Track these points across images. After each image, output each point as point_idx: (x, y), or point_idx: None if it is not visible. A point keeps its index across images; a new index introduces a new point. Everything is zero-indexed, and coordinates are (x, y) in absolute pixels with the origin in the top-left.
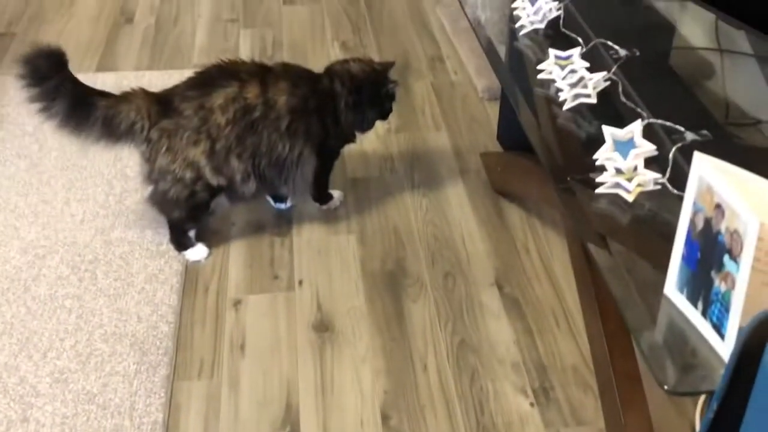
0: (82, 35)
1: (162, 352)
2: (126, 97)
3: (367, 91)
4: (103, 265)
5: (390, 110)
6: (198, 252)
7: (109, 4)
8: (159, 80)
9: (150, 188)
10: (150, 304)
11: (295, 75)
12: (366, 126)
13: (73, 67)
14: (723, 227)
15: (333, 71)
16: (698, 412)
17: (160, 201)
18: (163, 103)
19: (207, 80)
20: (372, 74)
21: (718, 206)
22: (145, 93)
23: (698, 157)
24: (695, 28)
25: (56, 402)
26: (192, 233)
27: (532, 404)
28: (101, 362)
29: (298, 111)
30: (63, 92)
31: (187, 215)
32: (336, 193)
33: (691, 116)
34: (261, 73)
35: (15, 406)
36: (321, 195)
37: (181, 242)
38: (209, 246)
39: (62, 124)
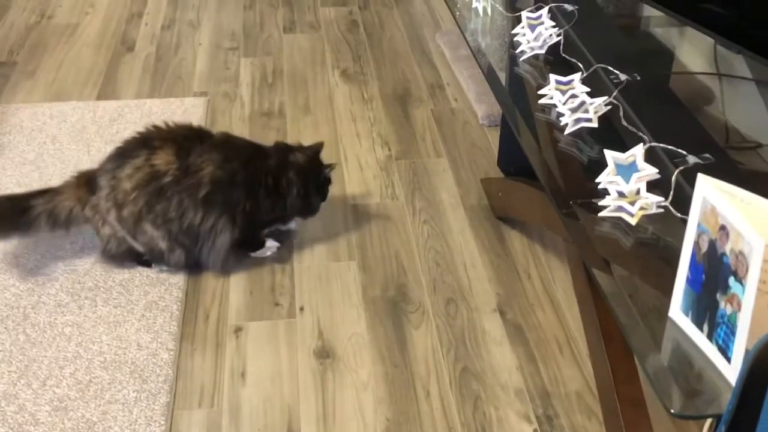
0: (83, 64)
1: (162, 380)
2: (59, 189)
3: (313, 180)
4: (102, 292)
5: (326, 193)
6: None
7: (110, 32)
8: (159, 108)
9: (107, 257)
10: (150, 331)
11: (233, 148)
12: (312, 212)
13: (73, 96)
14: (728, 249)
15: (287, 160)
16: None
17: (104, 255)
18: (90, 182)
19: (124, 152)
20: (313, 162)
21: (723, 228)
22: (75, 179)
23: (702, 178)
24: (694, 53)
25: (55, 430)
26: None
27: (535, 431)
28: (101, 390)
29: (222, 183)
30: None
31: (138, 259)
32: (269, 242)
33: (693, 140)
34: (183, 139)
35: None
36: (249, 248)
37: (146, 264)
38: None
39: (7, 237)
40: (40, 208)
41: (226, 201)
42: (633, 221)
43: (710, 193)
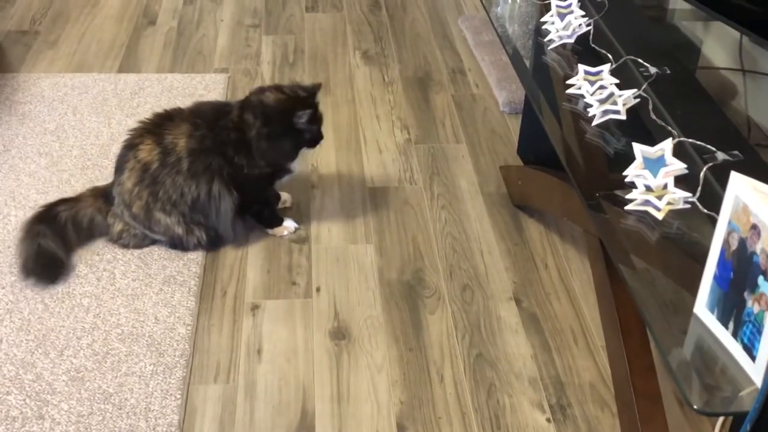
0: (105, 35)
1: (179, 354)
2: (79, 198)
3: (276, 120)
4: (121, 264)
5: (314, 138)
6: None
7: (133, 5)
8: (180, 83)
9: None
10: (168, 305)
11: (199, 115)
12: (285, 157)
13: (95, 67)
14: (758, 248)
15: (247, 102)
16: None
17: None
18: (106, 195)
19: (118, 165)
20: (285, 102)
21: (754, 227)
22: (92, 192)
23: (735, 176)
24: (719, 48)
25: (72, 400)
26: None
27: (548, 420)
28: (118, 362)
29: (196, 151)
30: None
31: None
32: (288, 222)
33: (722, 136)
34: (154, 126)
35: (31, 402)
36: (263, 221)
37: None
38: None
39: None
40: (65, 214)
41: (207, 167)
42: (660, 216)
43: (743, 191)
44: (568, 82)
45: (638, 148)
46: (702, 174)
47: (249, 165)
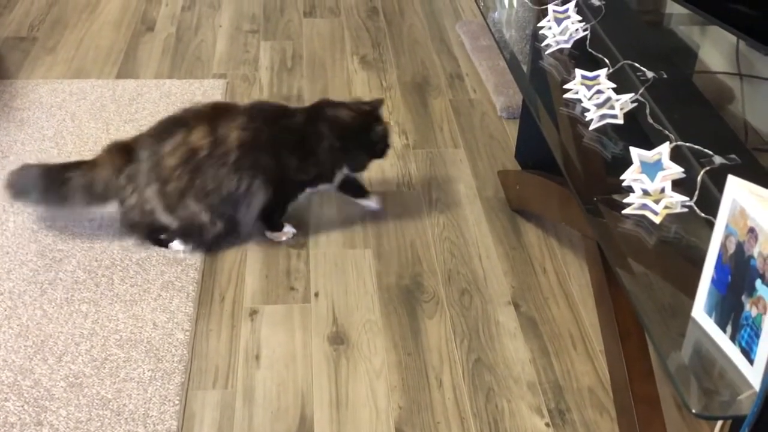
0: (103, 42)
1: (177, 360)
2: (96, 161)
3: (358, 135)
4: (119, 270)
5: (383, 150)
6: (179, 243)
7: (131, 11)
8: (179, 89)
9: (121, 217)
10: (166, 311)
11: (258, 110)
12: (358, 167)
13: (93, 73)
14: (756, 252)
15: (320, 114)
16: None
17: (126, 225)
18: (128, 152)
19: (163, 129)
20: (363, 117)
21: (752, 230)
22: (111, 149)
23: (732, 180)
24: (716, 52)
25: (70, 406)
26: (164, 235)
27: (547, 424)
28: (116, 368)
29: (248, 145)
30: (34, 185)
31: (150, 231)
32: (287, 227)
33: (719, 140)
34: (213, 115)
35: (29, 409)
36: (269, 222)
37: (160, 244)
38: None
39: (45, 209)
40: (77, 180)
41: (255, 163)
42: (657, 220)
43: (740, 194)
44: (565, 86)
45: (635, 153)
46: (699, 178)
47: (298, 169)
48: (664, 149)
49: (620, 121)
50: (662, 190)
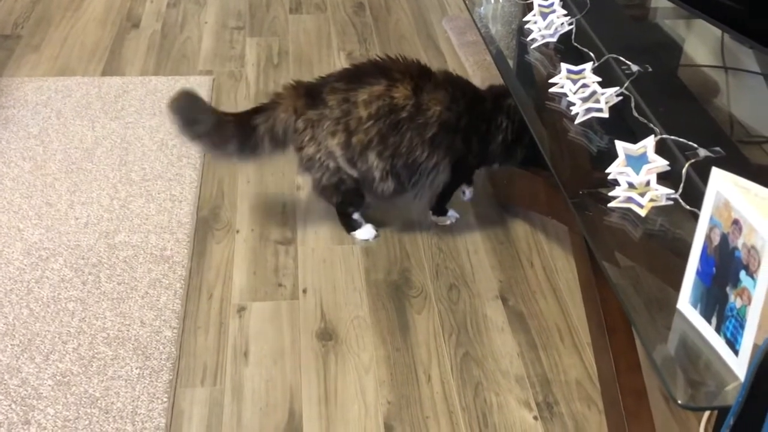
0: (88, 39)
1: (165, 357)
2: (276, 102)
3: (525, 129)
4: (106, 268)
5: (529, 159)
6: (366, 232)
7: (116, 8)
8: (164, 85)
9: (309, 178)
10: (153, 308)
11: (457, 89)
12: (513, 162)
13: (78, 71)
14: (740, 243)
15: (504, 103)
16: (702, 428)
17: (317, 188)
18: (311, 94)
19: (358, 75)
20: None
21: (736, 222)
22: (294, 88)
23: (716, 172)
24: (701, 46)
25: (58, 405)
26: (357, 215)
27: (535, 418)
28: (104, 366)
29: (448, 126)
30: (229, 134)
31: (344, 200)
32: (451, 211)
33: (704, 133)
34: (417, 75)
35: (16, 408)
36: (439, 207)
37: (348, 224)
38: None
39: (239, 160)
40: (263, 127)
41: (450, 144)
42: (642, 212)
43: (724, 186)
44: (551, 81)
45: (621, 146)
46: (684, 170)
47: (479, 156)
48: (649, 142)
49: (605, 114)
50: (647, 183)
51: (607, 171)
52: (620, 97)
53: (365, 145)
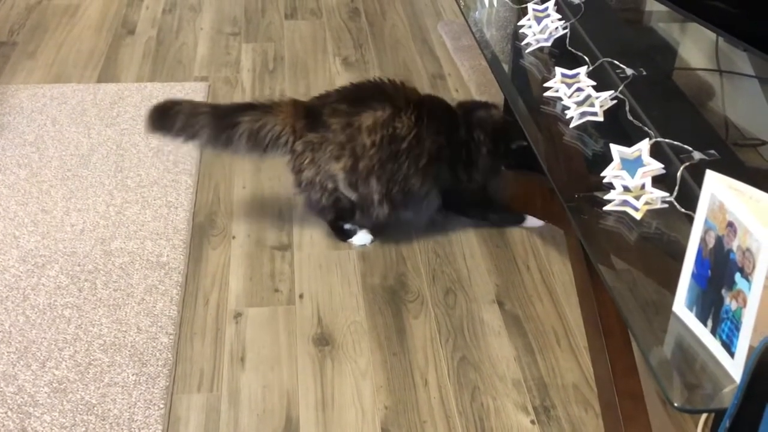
0: (83, 45)
1: (161, 364)
2: (272, 109)
3: (502, 140)
4: (102, 275)
5: (524, 162)
6: (362, 237)
7: (111, 15)
8: (160, 92)
9: (302, 196)
10: (150, 315)
11: (443, 118)
12: (495, 176)
13: (74, 78)
14: (735, 245)
15: (473, 118)
16: (699, 431)
17: (314, 208)
18: (311, 116)
19: (360, 97)
20: (507, 126)
21: (731, 224)
22: (293, 105)
23: (710, 175)
24: (696, 49)
25: (54, 412)
26: (349, 225)
27: (533, 422)
28: (100, 372)
29: (434, 156)
30: (202, 124)
31: (338, 215)
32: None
33: (698, 136)
34: (416, 105)
35: (13, 415)
36: (507, 220)
37: (341, 235)
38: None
39: (209, 149)
40: (246, 126)
41: (437, 176)
42: (637, 216)
43: (719, 189)
44: (545, 84)
45: (616, 149)
46: (679, 173)
47: (469, 180)
48: (644, 146)
49: (600, 118)
50: (642, 187)
51: (602, 174)
52: (615, 101)
53: (370, 170)
